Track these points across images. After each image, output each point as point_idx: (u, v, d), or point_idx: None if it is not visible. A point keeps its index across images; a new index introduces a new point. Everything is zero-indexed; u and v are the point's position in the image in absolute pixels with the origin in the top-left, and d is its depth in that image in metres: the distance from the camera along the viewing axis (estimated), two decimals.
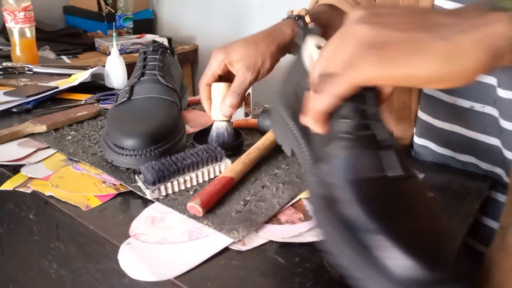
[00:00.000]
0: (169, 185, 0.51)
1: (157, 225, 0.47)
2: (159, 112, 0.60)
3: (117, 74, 0.89)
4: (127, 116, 0.60)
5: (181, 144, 0.61)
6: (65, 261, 0.54)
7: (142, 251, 0.43)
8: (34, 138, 0.66)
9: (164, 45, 0.72)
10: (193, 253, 0.42)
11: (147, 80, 0.65)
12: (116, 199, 0.52)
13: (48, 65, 1.03)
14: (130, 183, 0.54)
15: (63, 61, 1.59)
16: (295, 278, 0.40)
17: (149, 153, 0.55)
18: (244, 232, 0.44)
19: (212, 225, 0.46)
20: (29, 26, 1.07)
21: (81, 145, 0.64)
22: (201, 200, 0.47)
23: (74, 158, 0.60)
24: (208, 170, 0.54)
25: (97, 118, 0.74)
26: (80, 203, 0.50)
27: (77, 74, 0.92)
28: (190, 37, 2.16)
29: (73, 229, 0.50)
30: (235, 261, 0.42)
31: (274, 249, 0.43)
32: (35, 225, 0.57)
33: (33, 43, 1.10)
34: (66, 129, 0.69)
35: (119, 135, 0.56)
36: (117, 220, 0.48)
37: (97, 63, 1.63)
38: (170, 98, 0.64)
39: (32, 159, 0.60)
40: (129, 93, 0.63)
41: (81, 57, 1.77)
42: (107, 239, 0.45)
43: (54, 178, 0.55)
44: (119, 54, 0.90)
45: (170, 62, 0.71)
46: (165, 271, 0.40)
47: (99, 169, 0.57)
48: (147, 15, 2.18)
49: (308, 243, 0.44)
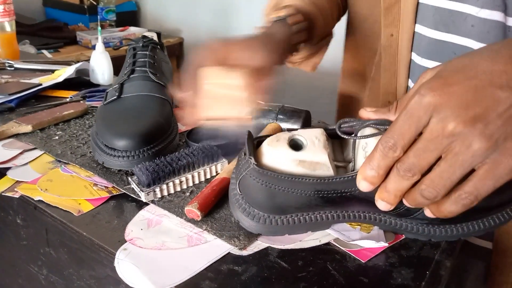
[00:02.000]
0: (165, 186, 0.50)
1: (154, 228, 0.45)
2: (151, 111, 0.58)
3: (103, 69, 0.86)
4: (117, 116, 0.57)
5: (175, 143, 0.59)
6: (55, 267, 0.52)
7: (139, 258, 0.41)
8: (19, 139, 0.63)
9: (154, 40, 0.70)
10: (193, 260, 0.41)
11: (138, 77, 0.63)
12: (109, 203, 0.50)
13: (30, 61, 0.99)
14: (123, 186, 0.52)
15: (44, 56, 1.54)
16: (299, 283, 0.39)
17: (142, 154, 0.53)
18: (246, 241, 0.43)
19: (211, 230, 0.44)
20: (9, 20, 1.02)
21: (69, 145, 0.61)
22: (199, 204, 0.45)
23: (62, 159, 0.57)
24: (205, 171, 0.52)
25: (84, 116, 0.71)
26: (72, 208, 0.48)
27: (60, 70, 0.89)
28: (175, 30, 2.12)
29: (65, 234, 0.48)
30: (237, 266, 0.40)
31: (276, 253, 0.42)
32: (23, 230, 0.55)
33: (13, 37, 1.05)
34: (52, 128, 0.66)
35: (110, 135, 0.54)
36: (111, 226, 0.46)
37: (79, 58, 1.59)
38: (162, 96, 0.61)
39: (18, 161, 0.57)
40: (119, 91, 0.61)
41: (63, 51, 1.72)
42: (101, 246, 0.44)
43: (43, 182, 0.52)
44: (104, 48, 0.87)
45: (161, 58, 0.69)
46: (165, 279, 0.39)
47: (89, 171, 0.55)
48: (130, 7, 2.13)
49: (310, 246, 0.43)
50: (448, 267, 0.41)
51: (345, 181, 0.40)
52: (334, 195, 0.41)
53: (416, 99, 0.32)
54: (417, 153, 0.33)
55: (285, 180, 0.40)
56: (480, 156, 0.31)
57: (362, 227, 0.45)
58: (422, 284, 0.39)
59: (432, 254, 0.42)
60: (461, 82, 0.32)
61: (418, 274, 0.40)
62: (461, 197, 0.33)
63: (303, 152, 0.41)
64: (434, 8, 0.57)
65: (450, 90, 0.32)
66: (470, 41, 0.55)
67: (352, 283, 0.39)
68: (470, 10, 0.53)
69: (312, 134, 0.43)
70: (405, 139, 0.33)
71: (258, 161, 0.42)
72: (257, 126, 0.63)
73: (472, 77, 0.32)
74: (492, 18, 0.52)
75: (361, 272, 0.40)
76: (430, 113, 0.32)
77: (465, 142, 0.31)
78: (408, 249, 0.43)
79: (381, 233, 0.44)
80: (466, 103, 0.31)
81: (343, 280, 0.39)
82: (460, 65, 0.34)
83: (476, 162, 0.32)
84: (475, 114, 0.31)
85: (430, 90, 0.32)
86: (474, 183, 0.32)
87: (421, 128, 0.32)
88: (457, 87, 0.32)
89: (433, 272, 0.40)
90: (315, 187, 0.40)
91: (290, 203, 0.42)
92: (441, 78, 0.33)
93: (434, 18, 0.57)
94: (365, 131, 0.40)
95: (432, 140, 0.32)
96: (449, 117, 0.31)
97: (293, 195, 0.41)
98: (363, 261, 0.41)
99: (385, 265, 0.41)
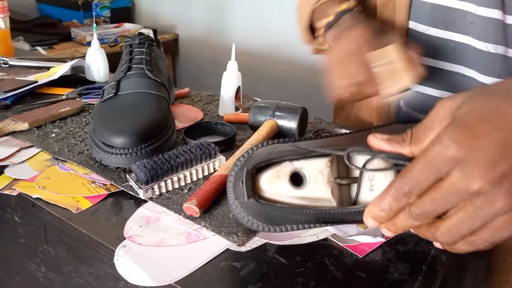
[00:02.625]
0: (163, 184, 0.50)
1: (153, 225, 0.46)
2: (149, 108, 0.58)
3: (98, 66, 0.85)
4: (115, 113, 0.57)
5: (172, 140, 0.59)
6: (54, 264, 0.52)
7: (138, 255, 0.42)
8: (15, 137, 0.63)
9: (150, 37, 0.69)
10: (192, 256, 0.41)
11: (134, 74, 0.63)
12: (107, 200, 0.50)
13: (24, 58, 0.98)
14: (121, 183, 0.52)
15: (38, 52, 1.53)
16: (298, 278, 0.39)
17: (139, 152, 0.53)
18: (244, 237, 0.43)
19: (210, 227, 0.45)
20: (3, 16, 1.02)
21: (66, 143, 0.61)
22: (197, 200, 0.45)
23: (59, 157, 0.57)
24: (202, 168, 0.53)
25: (81, 114, 0.71)
26: (70, 205, 0.48)
27: (56, 67, 0.88)
28: (170, 26, 2.11)
29: (63, 232, 0.48)
30: (236, 262, 0.41)
31: (275, 249, 0.43)
32: (21, 228, 0.55)
33: (8, 34, 1.05)
34: (49, 126, 0.66)
35: (108, 133, 0.54)
36: (110, 223, 0.46)
37: (74, 54, 1.58)
38: (159, 93, 0.62)
39: (16, 159, 0.57)
40: (116, 88, 0.61)
41: (57, 47, 1.71)
42: (100, 243, 0.44)
43: (41, 179, 0.52)
44: (100, 45, 0.87)
45: (157, 55, 0.69)
46: (165, 276, 0.39)
47: (87, 169, 0.55)
48: (125, 3, 2.12)
49: (308, 242, 0.44)
50: (444, 262, 0.42)
51: (348, 213, 0.39)
52: (336, 221, 0.40)
53: (438, 150, 0.30)
54: (435, 202, 0.31)
55: (284, 209, 0.39)
56: (502, 212, 0.30)
57: (359, 223, 0.46)
58: (419, 278, 0.39)
59: (428, 249, 0.43)
60: (489, 134, 0.30)
61: (415, 268, 0.40)
62: (477, 242, 0.32)
63: (305, 189, 0.39)
64: (431, 5, 0.57)
65: (476, 144, 0.29)
66: (470, 39, 0.55)
67: (349, 278, 0.39)
68: (469, 7, 0.54)
69: (315, 168, 0.40)
70: (421, 187, 0.31)
71: (256, 193, 0.40)
72: (254, 123, 0.64)
73: (500, 128, 0.30)
74: (491, 16, 0.52)
75: (358, 267, 0.41)
76: (453, 165, 0.30)
77: (488, 199, 0.30)
78: (404, 244, 0.44)
79: (377, 228, 0.45)
80: (493, 160, 0.29)
81: (341, 275, 0.40)
82: (487, 111, 0.31)
83: (498, 216, 0.30)
84: (502, 172, 0.29)
85: (454, 143, 0.30)
86: (492, 231, 0.31)
87: (440, 177, 0.31)
88: (484, 141, 0.29)
89: (429, 267, 0.41)
90: (316, 216, 0.39)
91: (289, 224, 0.41)
92: (466, 129, 0.30)
93: (432, 15, 0.57)
94: (374, 162, 0.38)
95: (454, 193, 0.30)
96: (475, 175, 0.29)
97: (292, 219, 0.40)
98: (360, 256, 0.42)
99: (382, 260, 0.42)
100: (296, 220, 0.40)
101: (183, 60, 2.12)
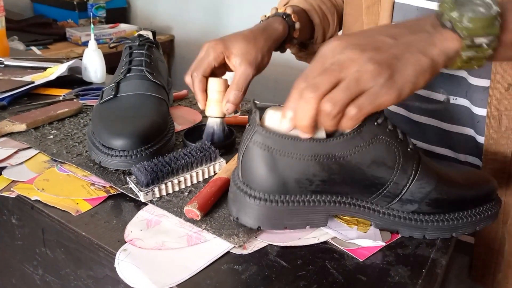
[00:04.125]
0: (163, 186, 0.50)
1: (153, 229, 0.46)
2: (148, 110, 0.58)
3: (95, 67, 0.85)
4: (114, 115, 0.57)
5: (171, 143, 0.59)
6: (52, 267, 0.52)
7: (139, 258, 0.41)
8: (13, 138, 0.62)
9: (150, 39, 0.69)
10: (193, 259, 0.41)
11: (134, 76, 0.63)
12: (107, 203, 0.50)
13: (20, 58, 0.98)
14: (120, 185, 0.52)
15: (33, 52, 1.52)
16: (299, 281, 0.39)
17: (139, 154, 0.53)
18: (245, 237, 0.43)
19: (210, 229, 0.45)
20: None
21: (64, 144, 0.61)
22: (198, 204, 0.45)
23: (58, 159, 0.57)
24: (203, 170, 0.53)
25: (79, 115, 0.71)
26: (70, 208, 0.48)
27: (52, 68, 0.88)
28: (166, 27, 2.10)
29: (62, 234, 0.47)
30: (237, 265, 0.41)
31: (276, 252, 0.43)
32: (18, 230, 0.54)
33: (3, 34, 1.04)
34: (46, 127, 0.66)
35: (107, 134, 0.54)
36: (110, 226, 0.46)
37: (69, 54, 1.57)
38: (159, 95, 0.61)
39: (14, 160, 0.56)
40: (115, 90, 0.61)
41: (52, 47, 1.70)
42: (100, 246, 0.44)
43: (39, 181, 0.52)
44: (97, 46, 0.86)
45: (157, 57, 0.68)
46: (166, 279, 0.39)
47: (86, 171, 0.54)
48: (120, 4, 2.11)
49: (309, 245, 0.44)
50: (443, 265, 0.42)
51: (337, 143, 0.42)
52: (328, 161, 0.42)
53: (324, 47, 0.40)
54: (322, 75, 0.38)
55: (285, 140, 0.42)
56: (369, 78, 0.37)
57: (359, 227, 0.46)
58: (419, 282, 0.40)
59: (427, 252, 0.43)
60: (357, 33, 0.41)
61: (415, 272, 0.41)
62: (364, 104, 0.38)
63: None
64: (415, 8, 0.58)
65: (349, 37, 0.41)
66: None
67: (350, 281, 0.40)
68: None
69: None
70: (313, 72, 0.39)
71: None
72: None
73: (366, 31, 0.42)
74: None
75: (359, 270, 0.41)
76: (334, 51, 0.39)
77: (359, 63, 0.38)
78: (404, 248, 0.44)
79: (377, 232, 0.45)
80: (362, 42, 0.39)
81: (342, 278, 0.40)
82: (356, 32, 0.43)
83: (366, 83, 0.37)
84: (366, 46, 0.39)
85: (333, 39, 0.40)
86: (369, 95, 0.38)
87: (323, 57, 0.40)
88: (354, 36, 0.41)
89: (429, 270, 0.41)
90: (312, 150, 0.42)
91: (291, 173, 0.42)
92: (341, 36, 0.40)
93: None
94: None
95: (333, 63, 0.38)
96: (347, 48, 0.39)
97: (292, 160, 0.42)
98: (361, 259, 0.42)
99: (382, 264, 0.42)
100: (296, 161, 0.43)
101: (179, 62, 2.12)
